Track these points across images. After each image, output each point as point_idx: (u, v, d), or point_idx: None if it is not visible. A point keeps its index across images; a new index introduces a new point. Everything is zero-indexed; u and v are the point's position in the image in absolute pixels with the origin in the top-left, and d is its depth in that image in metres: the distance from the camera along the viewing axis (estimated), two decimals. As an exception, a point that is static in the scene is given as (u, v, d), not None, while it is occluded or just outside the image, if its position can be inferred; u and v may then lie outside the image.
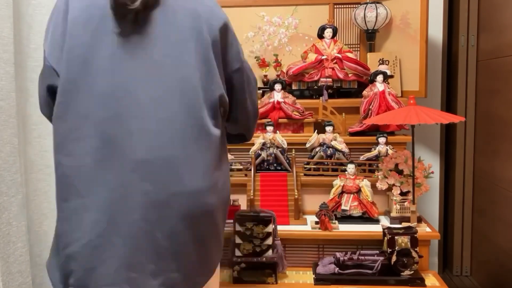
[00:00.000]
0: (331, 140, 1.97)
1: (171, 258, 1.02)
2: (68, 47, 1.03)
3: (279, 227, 1.76)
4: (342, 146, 1.96)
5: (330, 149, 1.96)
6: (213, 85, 1.08)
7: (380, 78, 2.02)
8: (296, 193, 1.88)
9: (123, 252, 0.99)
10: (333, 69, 2.13)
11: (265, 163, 1.98)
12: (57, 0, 1.09)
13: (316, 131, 2.01)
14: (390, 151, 1.95)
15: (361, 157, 1.99)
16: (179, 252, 1.02)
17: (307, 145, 1.99)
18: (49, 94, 1.08)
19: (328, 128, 1.97)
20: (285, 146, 1.97)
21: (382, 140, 1.95)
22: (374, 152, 1.97)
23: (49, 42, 1.07)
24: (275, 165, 1.98)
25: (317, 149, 1.98)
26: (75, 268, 1.01)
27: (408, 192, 1.84)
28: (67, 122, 1.03)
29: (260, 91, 2.26)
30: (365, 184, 1.87)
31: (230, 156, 1.99)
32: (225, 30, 1.10)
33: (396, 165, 1.86)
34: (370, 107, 2.01)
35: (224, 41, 1.11)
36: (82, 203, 1.01)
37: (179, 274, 1.03)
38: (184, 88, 1.03)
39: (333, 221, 1.83)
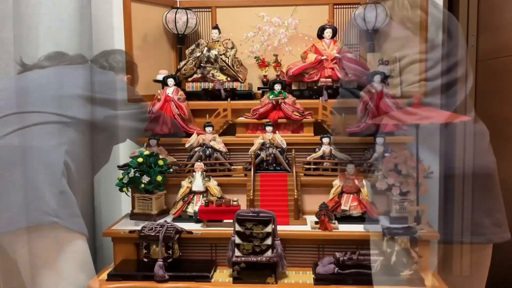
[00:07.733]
0: (210, 141, 2.00)
1: None
2: None
3: (279, 227, 1.76)
4: (220, 146, 2.01)
5: (209, 149, 1.99)
6: None
7: (377, 78, 2.01)
8: (295, 193, 1.88)
9: None
10: (332, 69, 2.13)
11: (264, 163, 1.98)
12: None
13: (195, 132, 2.03)
14: (334, 152, 1.96)
15: (308, 157, 1.99)
16: None
17: (187, 145, 2.01)
18: None
19: (208, 129, 2.01)
20: (285, 146, 1.97)
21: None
22: (318, 153, 1.98)
23: None
24: (274, 165, 1.98)
25: (196, 149, 2.01)
26: None
27: (408, 192, 1.84)
28: None
29: (260, 91, 2.26)
30: (364, 184, 1.87)
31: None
32: None
33: (396, 165, 1.86)
34: (368, 107, 2.00)
35: None
36: None
37: None
38: None
39: (333, 221, 1.83)
